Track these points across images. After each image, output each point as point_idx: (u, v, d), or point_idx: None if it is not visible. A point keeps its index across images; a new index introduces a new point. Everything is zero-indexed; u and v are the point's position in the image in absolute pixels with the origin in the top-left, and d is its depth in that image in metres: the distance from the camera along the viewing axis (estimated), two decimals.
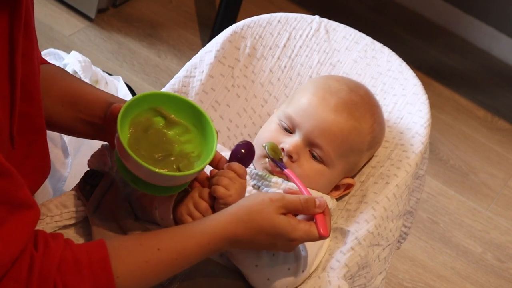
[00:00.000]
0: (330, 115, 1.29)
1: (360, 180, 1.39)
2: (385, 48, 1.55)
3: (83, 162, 1.38)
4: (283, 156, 1.29)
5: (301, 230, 1.12)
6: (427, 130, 1.41)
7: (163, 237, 1.10)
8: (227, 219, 1.11)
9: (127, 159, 1.10)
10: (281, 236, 1.11)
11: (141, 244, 1.08)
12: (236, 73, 1.49)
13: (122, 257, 1.05)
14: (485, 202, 2.47)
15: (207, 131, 1.17)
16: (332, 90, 1.33)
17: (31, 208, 0.98)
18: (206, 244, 1.10)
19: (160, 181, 1.12)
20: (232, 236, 1.10)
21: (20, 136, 1.05)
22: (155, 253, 1.07)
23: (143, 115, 1.15)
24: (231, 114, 1.47)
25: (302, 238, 1.13)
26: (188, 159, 1.15)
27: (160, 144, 1.15)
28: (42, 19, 2.49)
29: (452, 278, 2.22)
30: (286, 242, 1.13)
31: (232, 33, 1.50)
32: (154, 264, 1.07)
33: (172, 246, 1.09)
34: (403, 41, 3.00)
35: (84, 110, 1.22)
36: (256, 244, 1.13)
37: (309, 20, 1.57)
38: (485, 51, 3.09)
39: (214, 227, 1.11)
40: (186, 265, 1.11)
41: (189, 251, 1.09)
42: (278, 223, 1.11)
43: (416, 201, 1.47)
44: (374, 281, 1.33)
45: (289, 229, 1.11)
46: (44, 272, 0.98)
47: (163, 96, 1.17)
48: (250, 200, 1.13)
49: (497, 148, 2.68)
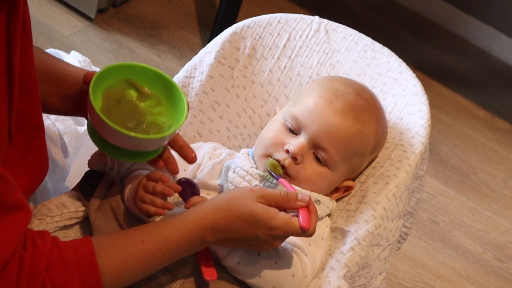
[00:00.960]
0: (336, 118, 1.29)
1: (360, 180, 1.39)
2: (384, 48, 1.55)
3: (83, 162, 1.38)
4: (287, 158, 1.28)
5: (280, 219, 1.12)
6: (427, 131, 1.41)
7: (147, 229, 1.12)
8: (207, 208, 1.13)
9: (98, 124, 1.11)
10: (259, 223, 1.11)
11: (126, 238, 1.10)
12: (235, 74, 1.49)
13: (107, 253, 1.07)
14: (485, 202, 2.47)
15: (179, 104, 1.18)
16: (338, 93, 1.32)
17: (22, 210, 0.99)
18: (187, 232, 1.11)
19: (132, 145, 1.14)
20: (212, 223, 1.11)
21: (18, 133, 1.05)
22: (139, 246, 1.09)
23: (116, 86, 1.17)
24: (231, 115, 1.48)
25: (282, 228, 1.12)
26: (159, 128, 1.16)
27: (132, 114, 1.16)
28: (42, 19, 2.49)
29: (452, 278, 2.22)
30: (267, 231, 1.12)
31: (232, 33, 1.50)
32: (139, 257, 1.09)
33: (155, 237, 1.10)
34: (403, 41, 3.00)
35: (62, 85, 1.23)
36: (237, 233, 1.13)
37: (309, 20, 1.57)
38: (485, 51, 3.09)
39: (194, 216, 1.13)
40: (171, 257, 1.12)
41: (171, 241, 1.11)
42: (256, 209, 1.12)
43: (416, 201, 1.47)
44: (374, 281, 1.33)
45: (267, 216, 1.12)
46: (33, 272, 0.99)
47: (136, 68, 1.18)
48: (231, 191, 1.16)
49: (497, 148, 2.69)
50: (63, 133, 1.44)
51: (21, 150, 1.07)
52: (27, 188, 1.11)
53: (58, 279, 1.01)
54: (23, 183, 1.09)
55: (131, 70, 1.18)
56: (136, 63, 1.20)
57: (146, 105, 1.18)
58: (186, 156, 1.24)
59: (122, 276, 1.08)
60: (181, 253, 1.13)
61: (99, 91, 1.15)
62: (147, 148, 1.16)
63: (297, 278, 1.21)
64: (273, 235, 1.13)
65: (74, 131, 1.46)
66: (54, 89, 1.23)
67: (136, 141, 1.12)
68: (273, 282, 1.20)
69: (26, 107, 1.07)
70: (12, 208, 0.97)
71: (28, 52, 1.06)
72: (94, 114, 1.10)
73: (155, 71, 1.19)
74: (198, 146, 1.37)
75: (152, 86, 1.19)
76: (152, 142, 1.14)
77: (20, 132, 1.05)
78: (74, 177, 1.44)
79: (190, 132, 1.43)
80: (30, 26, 1.07)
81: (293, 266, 1.21)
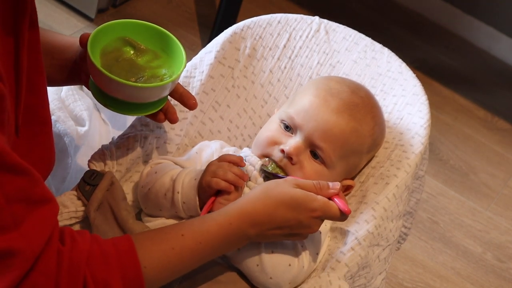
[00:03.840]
0: (331, 116, 1.29)
1: (360, 180, 1.39)
2: (384, 49, 1.55)
3: (83, 162, 1.38)
4: (283, 159, 1.29)
5: (320, 201, 1.14)
6: (426, 131, 1.41)
7: (185, 224, 1.12)
8: (245, 200, 1.13)
9: (101, 79, 1.14)
10: (300, 206, 1.12)
11: (165, 233, 1.09)
12: (236, 74, 1.49)
13: (147, 247, 1.06)
14: (485, 202, 2.47)
15: (177, 53, 1.20)
16: (333, 92, 1.33)
17: (49, 202, 0.99)
18: (227, 224, 1.10)
19: (135, 97, 1.16)
20: (252, 214, 1.11)
21: (25, 127, 1.05)
22: (180, 239, 1.08)
23: (111, 45, 1.19)
24: (231, 115, 1.48)
25: (322, 209, 1.14)
26: (160, 79, 1.18)
27: (131, 69, 1.18)
28: (42, 19, 2.49)
29: (452, 278, 2.22)
30: (308, 213, 1.13)
31: (232, 33, 1.50)
32: (179, 250, 1.08)
33: (195, 230, 1.10)
34: (403, 41, 3.00)
35: (57, 56, 1.25)
36: (278, 220, 1.13)
37: (309, 21, 1.57)
38: (485, 51, 3.09)
39: (233, 209, 1.12)
40: (211, 251, 1.11)
41: (212, 234, 1.10)
42: (295, 193, 1.13)
43: (416, 201, 1.47)
44: (374, 281, 1.33)
45: (307, 199, 1.13)
46: (73, 266, 0.99)
47: (130, 25, 1.20)
48: (265, 184, 1.17)
49: (497, 148, 2.69)
50: (63, 133, 1.44)
51: (28, 144, 1.08)
52: None
53: (99, 273, 1.01)
54: None
55: (125, 27, 1.20)
56: (128, 20, 1.21)
57: (144, 60, 1.20)
58: (187, 103, 1.26)
59: (163, 270, 1.07)
60: (222, 247, 1.12)
61: (96, 51, 1.16)
62: (150, 98, 1.18)
63: (294, 268, 1.21)
64: (313, 217, 1.14)
65: (75, 132, 1.46)
66: (49, 61, 1.25)
67: (139, 92, 1.14)
68: (269, 271, 1.20)
69: (34, 101, 1.07)
70: (39, 202, 0.97)
71: (35, 46, 1.06)
72: (96, 70, 1.13)
73: (148, 25, 1.21)
74: (204, 145, 1.37)
75: (147, 41, 1.21)
76: (155, 90, 1.16)
77: (27, 125, 1.06)
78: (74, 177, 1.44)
79: (191, 133, 1.43)
80: (37, 20, 1.07)
81: (289, 256, 1.21)
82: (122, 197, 1.24)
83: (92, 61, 1.13)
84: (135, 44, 1.20)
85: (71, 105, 1.51)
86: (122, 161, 1.30)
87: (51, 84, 1.31)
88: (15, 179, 0.93)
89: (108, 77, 1.12)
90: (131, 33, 1.21)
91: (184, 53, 1.18)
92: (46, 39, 1.25)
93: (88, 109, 1.51)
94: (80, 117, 1.50)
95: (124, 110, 1.19)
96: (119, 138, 1.32)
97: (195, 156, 1.34)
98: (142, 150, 1.33)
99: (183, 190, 1.22)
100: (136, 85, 1.14)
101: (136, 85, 1.14)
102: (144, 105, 1.20)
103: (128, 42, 1.20)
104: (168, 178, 1.25)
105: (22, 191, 0.94)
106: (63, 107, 1.50)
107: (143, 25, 1.21)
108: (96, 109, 1.55)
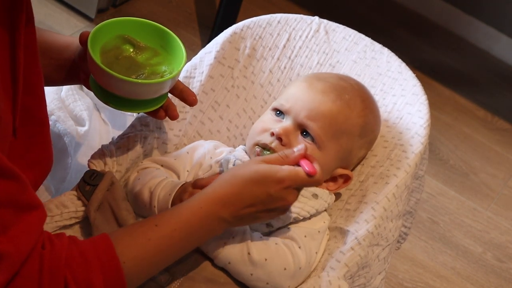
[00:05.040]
0: (317, 96, 1.32)
1: (360, 180, 1.39)
2: (384, 49, 1.55)
3: (83, 162, 1.38)
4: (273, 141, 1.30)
5: (285, 170, 1.12)
6: (426, 131, 1.42)
7: (160, 214, 1.13)
8: (214, 184, 1.14)
9: (102, 76, 1.14)
10: (267, 179, 1.12)
11: (140, 226, 1.10)
12: (235, 74, 1.49)
13: (125, 242, 1.07)
14: (485, 202, 2.47)
15: (176, 50, 1.20)
16: (320, 77, 1.36)
17: (37, 208, 0.99)
18: (198, 208, 1.11)
19: (136, 93, 1.16)
20: (221, 195, 1.11)
21: (23, 128, 1.05)
22: (154, 230, 1.09)
23: (111, 43, 1.19)
24: (231, 115, 1.48)
25: (290, 177, 1.12)
26: (161, 76, 1.18)
27: (131, 67, 1.19)
28: (42, 19, 2.49)
29: (452, 278, 2.22)
30: (276, 185, 1.12)
31: (231, 33, 1.50)
32: (156, 241, 1.08)
33: (168, 219, 1.10)
34: (403, 41, 3.00)
35: (55, 56, 1.25)
36: (248, 198, 1.12)
37: (309, 21, 1.57)
38: (485, 51, 3.09)
39: (203, 193, 1.13)
40: (187, 238, 1.11)
41: (184, 220, 1.10)
42: (259, 168, 1.12)
43: (416, 201, 1.47)
44: (374, 281, 1.33)
45: (272, 170, 1.12)
46: (53, 269, 0.99)
47: (128, 22, 1.21)
48: (232, 167, 1.19)
49: (497, 148, 2.69)
50: (63, 133, 1.44)
51: (26, 145, 1.08)
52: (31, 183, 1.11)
53: (79, 274, 1.01)
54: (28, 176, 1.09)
55: (124, 25, 1.21)
56: (126, 18, 1.22)
57: (143, 57, 1.21)
58: (187, 99, 1.27)
59: (143, 262, 1.07)
60: (199, 233, 1.12)
61: (96, 50, 1.17)
62: (151, 94, 1.19)
63: (290, 270, 1.21)
64: (284, 188, 1.12)
65: (75, 132, 1.46)
66: (47, 61, 1.25)
67: (139, 88, 1.15)
68: (265, 278, 1.20)
69: (31, 102, 1.07)
70: (26, 207, 0.97)
71: (32, 46, 1.06)
72: (97, 67, 1.13)
73: (147, 23, 1.22)
74: (198, 144, 1.37)
75: (146, 39, 1.22)
76: (155, 86, 1.17)
77: (24, 127, 1.06)
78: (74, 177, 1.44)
79: (190, 132, 1.43)
80: (33, 20, 1.07)
81: (283, 260, 1.21)
82: (122, 197, 1.24)
83: (93, 58, 1.13)
84: (134, 42, 1.21)
85: (71, 105, 1.51)
86: (122, 161, 1.30)
87: (49, 84, 1.31)
88: (3, 183, 0.93)
89: (109, 73, 1.13)
90: (130, 31, 1.21)
91: (184, 49, 1.19)
92: (44, 38, 1.26)
93: (88, 109, 1.51)
94: (80, 117, 1.50)
95: (125, 107, 1.20)
96: (119, 138, 1.32)
97: (185, 156, 1.34)
98: (142, 150, 1.33)
99: (159, 205, 1.23)
100: (137, 82, 1.15)
101: (137, 82, 1.15)
102: (145, 102, 1.21)
103: (127, 40, 1.21)
104: (147, 190, 1.25)
105: (11, 195, 0.95)
106: (63, 107, 1.50)
107: (142, 22, 1.22)
108: (96, 109, 1.56)
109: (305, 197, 1.28)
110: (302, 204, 1.27)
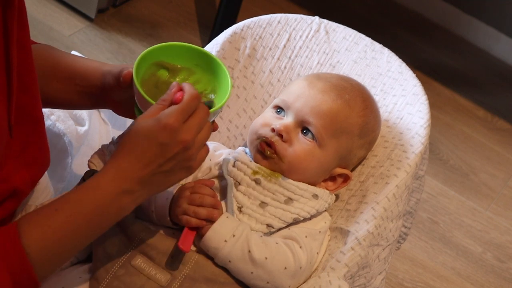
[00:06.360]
0: (318, 94, 1.32)
1: (360, 180, 1.39)
2: (384, 49, 1.55)
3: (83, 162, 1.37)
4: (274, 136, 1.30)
5: (164, 113, 1.04)
6: (426, 131, 1.41)
7: (60, 198, 1.06)
8: (106, 161, 1.09)
9: None
10: (150, 130, 1.03)
11: (39, 213, 1.03)
12: (236, 74, 1.49)
13: (28, 231, 1.01)
14: (485, 202, 2.47)
15: (213, 65, 1.18)
16: (321, 76, 1.37)
17: None
18: (95, 185, 1.04)
19: None
20: (114, 166, 1.04)
21: (18, 126, 1.05)
22: (54, 215, 1.02)
23: (147, 72, 1.17)
24: (231, 115, 1.48)
25: (171, 117, 1.03)
26: (204, 97, 1.16)
27: None
28: (42, 19, 2.49)
29: (452, 278, 2.22)
30: (163, 132, 1.02)
31: (232, 33, 1.50)
32: (56, 227, 1.02)
33: (67, 201, 1.04)
34: (403, 41, 3.00)
35: (80, 82, 1.23)
36: (142, 157, 1.03)
37: (309, 21, 1.57)
38: (485, 51, 3.09)
39: (97, 174, 1.06)
40: (89, 220, 1.04)
41: (83, 201, 1.03)
42: (137, 124, 1.04)
43: (416, 201, 1.47)
44: (374, 281, 1.33)
45: (155, 120, 1.03)
46: None
47: (160, 49, 1.18)
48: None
49: (497, 148, 2.69)
50: (63, 133, 1.44)
51: (22, 143, 1.07)
52: (28, 181, 1.11)
53: None
54: (24, 176, 1.08)
55: (156, 53, 1.18)
56: (158, 45, 1.19)
57: (181, 79, 1.18)
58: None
59: (48, 251, 1.01)
60: (102, 212, 1.04)
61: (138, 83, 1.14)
62: None
63: (290, 270, 1.21)
64: (173, 131, 1.03)
65: (75, 132, 1.46)
66: (72, 87, 1.23)
67: None
68: (265, 277, 1.20)
69: (25, 100, 1.07)
70: None
71: (25, 44, 1.05)
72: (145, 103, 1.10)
73: (178, 45, 1.19)
74: None
75: (180, 60, 1.19)
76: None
77: (20, 125, 1.05)
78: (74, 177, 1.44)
79: None
80: (26, 17, 1.06)
81: (284, 259, 1.21)
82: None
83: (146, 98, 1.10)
84: (168, 65, 1.18)
85: None
86: None
87: (75, 108, 1.30)
88: None
89: None
90: (162, 56, 1.19)
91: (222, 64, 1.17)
92: (67, 64, 1.24)
93: None
94: (80, 116, 1.49)
95: None
96: (119, 138, 1.32)
97: None
98: None
99: (156, 210, 1.22)
100: None
101: None
102: None
103: (160, 65, 1.18)
104: None
105: None
106: None
107: (172, 45, 1.19)
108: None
109: (305, 198, 1.28)
110: (302, 204, 1.27)
